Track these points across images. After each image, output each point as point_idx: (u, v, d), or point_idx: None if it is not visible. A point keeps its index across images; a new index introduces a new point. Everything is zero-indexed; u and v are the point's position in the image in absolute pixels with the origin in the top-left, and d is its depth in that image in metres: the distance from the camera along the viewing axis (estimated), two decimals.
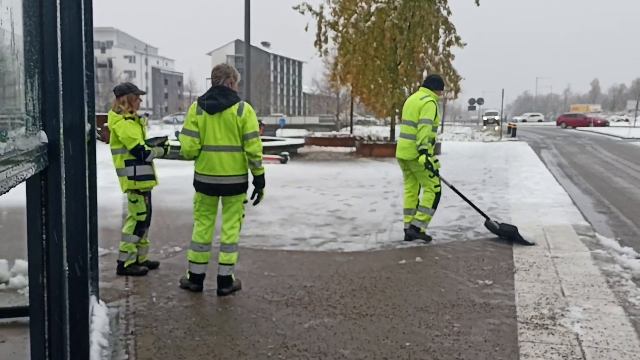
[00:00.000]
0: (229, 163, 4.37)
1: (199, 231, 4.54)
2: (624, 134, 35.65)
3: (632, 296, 4.44)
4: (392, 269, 5.29)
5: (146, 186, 4.99)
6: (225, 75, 4.44)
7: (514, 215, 7.99)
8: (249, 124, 4.34)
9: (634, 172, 15.17)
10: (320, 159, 19.00)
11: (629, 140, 31.34)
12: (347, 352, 3.42)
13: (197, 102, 4.46)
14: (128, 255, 5.02)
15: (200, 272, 4.57)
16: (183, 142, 4.41)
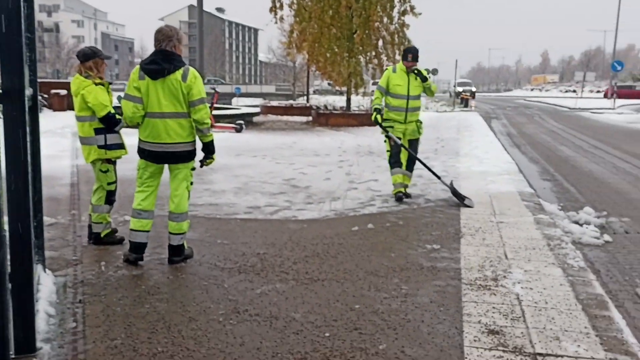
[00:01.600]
0: (176, 130, 4.27)
1: (139, 197, 4.42)
2: (570, 105, 36.76)
3: (570, 258, 4.66)
4: (345, 236, 5.38)
5: (117, 155, 4.88)
6: (168, 38, 4.25)
7: (463, 183, 8.19)
8: (195, 90, 4.22)
9: (578, 141, 15.73)
10: (276, 128, 18.90)
11: (575, 111, 32.38)
12: (298, 316, 3.49)
13: (139, 66, 4.28)
14: (103, 226, 4.95)
15: (140, 241, 4.40)
16: (125, 108, 4.25)
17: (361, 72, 20.54)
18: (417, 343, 3.13)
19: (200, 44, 16.20)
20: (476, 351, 3.03)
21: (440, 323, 3.40)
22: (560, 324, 3.37)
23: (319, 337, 3.18)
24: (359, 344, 3.11)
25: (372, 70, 21.06)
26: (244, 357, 2.96)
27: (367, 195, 7.39)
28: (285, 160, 10.68)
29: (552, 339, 3.16)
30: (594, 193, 8.13)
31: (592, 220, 6.30)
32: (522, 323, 3.39)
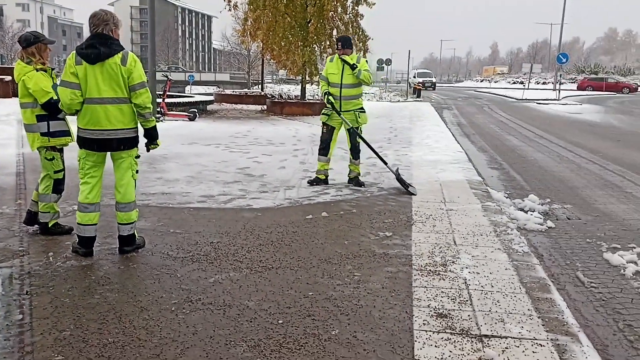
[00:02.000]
0: (116, 116, 4.15)
1: (84, 190, 4.28)
2: (518, 96, 37.81)
3: (515, 244, 4.84)
4: (299, 224, 5.41)
5: (61, 143, 4.74)
6: (104, 22, 4.12)
7: (415, 172, 8.35)
8: (135, 74, 4.12)
9: (525, 131, 16.23)
10: (231, 117, 18.73)
11: (522, 101, 33.34)
12: (251, 304, 3.50)
13: (74, 52, 4.13)
14: (51, 215, 4.81)
15: (89, 235, 4.30)
16: (62, 95, 4.11)
17: (316, 61, 20.53)
18: (369, 328, 3.20)
19: (152, 31, 15.81)
20: (425, 334, 3.12)
21: (391, 308, 3.48)
22: (505, 306, 3.51)
23: (273, 324, 3.21)
24: (312, 330, 3.15)
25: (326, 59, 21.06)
26: (196, 345, 2.96)
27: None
28: (239, 149, 10.61)
29: (497, 321, 3.29)
30: (539, 181, 8.44)
31: (536, 207, 6.54)
32: (469, 306, 3.51)
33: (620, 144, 13.12)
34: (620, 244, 5.24)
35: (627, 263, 4.66)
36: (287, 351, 2.91)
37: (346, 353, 2.90)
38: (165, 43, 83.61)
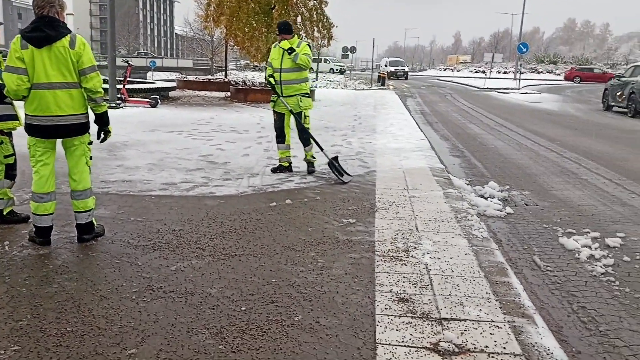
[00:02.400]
0: (66, 101, 4.04)
1: (38, 180, 4.15)
2: (480, 85, 38.40)
3: (475, 229, 4.94)
4: (263, 211, 5.39)
5: (9, 127, 4.59)
6: (50, 3, 3.99)
7: (379, 160, 8.42)
8: (85, 57, 4.01)
9: (486, 119, 16.52)
10: (193, 103, 18.47)
11: (484, 90, 33.89)
12: (214, 291, 3.49)
13: (19, 35, 3.98)
14: (5, 202, 4.66)
15: (45, 225, 4.20)
16: (8, 81, 3.95)
17: None
18: (332, 313, 3.23)
19: (112, 15, 15.41)
20: (387, 318, 3.17)
21: (354, 293, 3.52)
22: (464, 290, 3.59)
23: (235, 312, 3.21)
24: (275, 317, 3.16)
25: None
26: (157, 333, 2.93)
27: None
28: (202, 136, 10.49)
29: (457, 305, 3.36)
30: (499, 168, 8.61)
31: (496, 194, 6.68)
32: (430, 291, 3.57)
33: (577, 132, 13.49)
34: (575, 229, 5.40)
35: (581, 247, 4.81)
36: (249, 337, 2.91)
37: (309, 338, 2.92)
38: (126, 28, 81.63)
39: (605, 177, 8.00)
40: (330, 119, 14.37)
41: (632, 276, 4.24)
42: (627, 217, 5.90)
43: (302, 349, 2.81)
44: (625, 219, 5.83)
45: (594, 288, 4.02)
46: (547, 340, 2.95)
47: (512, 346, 2.87)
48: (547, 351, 2.83)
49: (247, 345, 2.83)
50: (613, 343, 3.21)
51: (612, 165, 8.87)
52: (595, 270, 4.34)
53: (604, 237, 5.08)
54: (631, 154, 10.15)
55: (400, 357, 2.74)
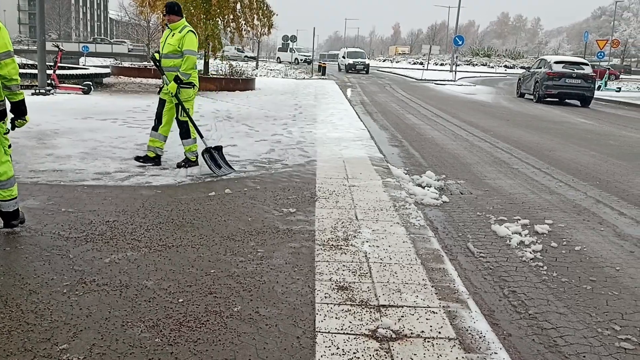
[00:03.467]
0: None
1: None
2: (417, 76, 39.17)
3: (413, 218, 5.04)
4: (201, 201, 5.31)
5: None
6: None
7: (319, 149, 8.44)
8: (0, 42, 3.80)
9: (424, 110, 16.88)
10: (129, 90, 17.88)
11: (422, 82, 34.60)
12: (150, 283, 3.40)
13: None
14: None
15: None
16: None
17: (219, 35, 20.03)
18: (271, 303, 3.22)
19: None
20: (326, 307, 3.19)
21: (294, 283, 3.52)
22: (402, 277, 3.66)
23: (172, 304, 3.14)
24: (213, 308, 3.12)
25: (230, 34, 20.64)
26: (90, 328, 2.83)
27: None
28: (138, 124, 10.18)
29: (394, 292, 3.43)
30: (435, 158, 8.83)
31: (432, 183, 6.85)
32: (369, 278, 3.62)
33: (509, 123, 14.00)
34: (507, 216, 5.61)
35: (512, 234, 5.01)
36: (187, 329, 2.86)
37: (248, 329, 2.90)
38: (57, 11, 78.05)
39: (534, 166, 8.35)
40: (271, 108, 14.28)
41: (559, 261, 4.46)
42: (555, 204, 6.19)
43: (241, 340, 2.79)
44: (552, 206, 6.11)
45: (524, 273, 4.19)
46: (480, 324, 3.06)
47: (446, 330, 2.96)
48: (479, 334, 2.94)
49: (185, 338, 2.77)
50: (541, 325, 3.37)
51: (541, 155, 9.27)
52: (525, 255, 4.53)
53: (533, 224, 5.30)
54: (558, 144, 10.64)
55: (339, 345, 2.77)
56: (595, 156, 9.41)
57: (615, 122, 15.28)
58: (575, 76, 21.18)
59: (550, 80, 21.26)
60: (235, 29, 20.25)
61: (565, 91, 21.24)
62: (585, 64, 22.51)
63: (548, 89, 21.26)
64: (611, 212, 5.93)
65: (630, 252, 4.73)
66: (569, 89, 21.13)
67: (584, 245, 4.85)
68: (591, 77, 21.50)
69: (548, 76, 21.36)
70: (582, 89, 21.14)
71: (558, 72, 21.25)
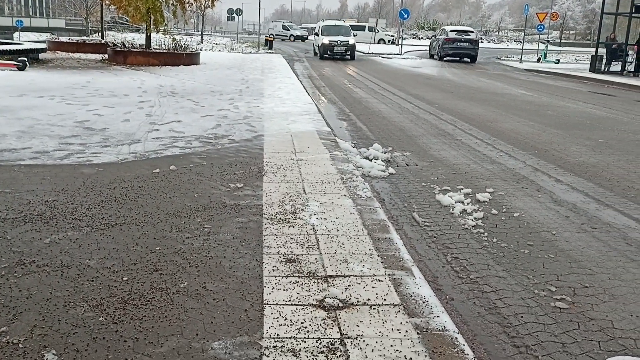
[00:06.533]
0: None
1: None
2: (365, 49, 39.19)
3: (360, 190, 5.10)
4: (145, 179, 5.20)
5: None
6: None
7: (267, 124, 8.38)
8: None
9: (371, 84, 16.97)
10: (67, 66, 17.18)
11: (369, 55, 34.67)
12: (93, 263, 3.33)
13: None
14: None
15: None
16: None
17: (161, 7, 19.43)
18: (219, 278, 3.21)
19: None
20: (274, 279, 3.21)
21: (241, 257, 3.52)
22: (349, 248, 3.72)
23: (116, 282, 3.09)
24: (159, 285, 3.09)
25: (172, 7, 20.05)
26: (31, 309, 2.76)
27: (170, 136, 7.18)
28: (77, 101, 9.82)
29: (341, 262, 3.48)
30: (382, 131, 8.92)
31: (379, 156, 6.93)
32: (317, 250, 3.66)
33: (453, 96, 14.26)
34: (450, 186, 5.76)
35: (455, 203, 5.15)
36: (132, 307, 2.82)
37: (195, 304, 2.89)
38: None
39: (477, 137, 8.56)
40: (217, 82, 14.03)
41: (499, 227, 4.62)
42: (496, 173, 6.38)
43: (188, 315, 2.78)
44: (494, 175, 6.30)
45: (466, 240, 4.33)
46: (424, 290, 3.15)
47: (392, 297, 3.03)
48: (423, 299, 3.03)
49: (130, 316, 2.74)
50: (482, 289, 3.50)
51: (484, 126, 9.51)
52: (467, 223, 4.67)
53: (475, 193, 5.46)
54: (500, 115, 10.94)
55: (287, 316, 2.80)
56: (534, 126, 9.73)
57: (553, 93, 15.80)
58: (464, 40, 29.02)
59: (447, 44, 29.23)
60: (178, 2, 19.69)
61: (457, 52, 29.15)
62: (471, 31, 30.93)
63: (445, 51, 29.20)
64: (548, 180, 6.18)
65: (566, 217, 4.95)
66: (460, 50, 29.06)
67: (523, 211, 5.04)
68: (476, 41, 29.49)
69: (445, 41, 29.34)
70: (469, 50, 29.03)
71: (452, 38, 29.23)
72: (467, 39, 29.24)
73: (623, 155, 7.56)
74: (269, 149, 6.67)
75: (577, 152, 7.63)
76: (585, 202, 5.38)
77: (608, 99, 15.06)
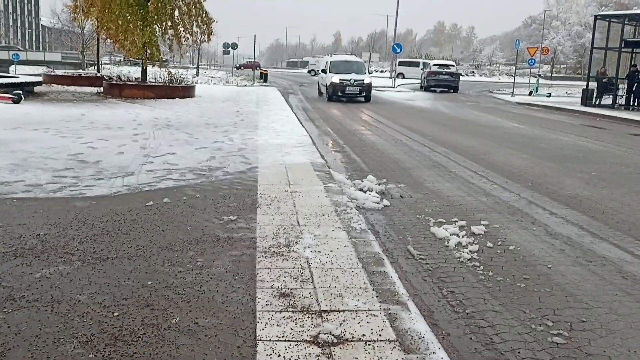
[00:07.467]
0: None
1: None
2: None
3: (354, 222, 5.08)
4: (138, 211, 5.16)
5: None
6: None
7: (261, 156, 8.40)
8: None
9: (365, 116, 17.10)
10: (62, 99, 17.27)
11: None
12: (83, 298, 3.27)
13: None
14: None
15: None
16: None
17: (157, 42, 19.66)
18: (211, 313, 3.16)
19: None
20: (267, 314, 3.16)
21: (234, 291, 3.47)
22: (344, 281, 3.68)
23: (107, 318, 3.03)
24: (150, 320, 3.03)
25: (169, 40, 20.30)
26: (20, 346, 2.69)
27: (164, 169, 7.17)
28: (72, 134, 9.83)
29: (336, 296, 3.44)
30: (376, 163, 8.95)
31: (373, 187, 6.93)
32: (311, 284, 3.62)
33: (446, 128, 14.37)
34: (445, 218, 5.74)
35: (450, 235, 5.13)
36: (122, 344, 2.76)
37: (187, 340, 2.83)
38: None
39: (471, 169, 8.60)
40: (212, 115, 14.10)
41: (494, 260, 4.60)
42: (490, 206, 6.39)
43: (179, 352, 2.72)
44: (488, 207, 6.30)
45: (462, 273, 4.30)
46: (419, 325, 3.11)
47: (387, 333, 2.99)
48: (419, 335, 2.98)
49: (120, 353, 2.68)
50: (478, 324, 3.46)
51: (477, 159, 9.56)
52: (463, 256, 4.64)
53: (470, 225, 5.45)
54: (493, 148, 11.01)
55: (281, 352, 2.74)
56: (527, 159, 9.79)
57: (545, 126, 15.96)
58: (445, 73, 33.24)
59: (430, 76, 33.33)
60: (174, 36, 19.94)
61: (439, 83, 33.02)
62: (452, 65, 36.19)
63: (429, 82, 33.09)
64: (543, 212, 6.18)
65: (561, 250, 4.94)
66: (442, 81, 33.03)
67: (518, 244, 5.02)
68: (456, 74, 33.91)
69: (429, 74, 33.64)
70: (450, 81, 32.94)
71: (434, 71, 33.69)
72: (448, 72, 33.41)
73: (616, 188, 7.59)
74: (263, 181, 6.66)
75: (571, 185, 7.66)
76: (580, 235, 5.37)
77: (600, 132, 15.21)
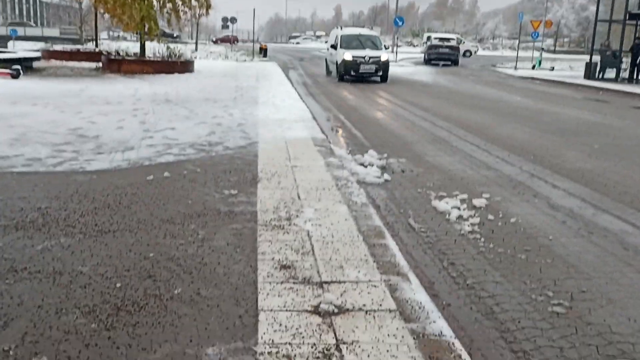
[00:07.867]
0: None
1: None
2: None
3: (355, 196, 5.08)
4: (139, 185, 5.16)
5: None
6: None
7: (261, 131, 8.36)
8: None
9: (366, 90, 16.99)
10: (61, 75, 17.16)
11: None
12: (85, 269, 3.29)
13: None
14: None
15: None
16: None
17: (155, 16, 19.45)
18: (213, 284, 3.18)
19: None
20: (269, 286, 3.18)
21: (236, 263, 3.48)
22: (344, 254, 3.69)
23: (109, 289, 3.05)
24: (152, 291, 3.05)
25: (167, 15, 20.06)
26: (22, 316, 2.71)
27: (164, 143, 7.15)
28: (71, 109, 9.78)
29: (337, 268, 3.45)
30: (377, 138, 8.91)
31: (374, 162, 6.91)
32: (311, 256, 3.63)
33: (448, 102, 14.28)
34: (446, 192, 5.73)
35: (451, 209, 5.12)
36: (125, 314, 2.78)
37: (189, 310, 2.85)
38: None
39: (473, 143, 8.56)
40: (211, 90, 14.01)
41: (495, 233, 4.60)
42: (492, 179, 6.37)
43: (182, 322, 2.74)
44: (490, 181, 6.29)
45: (462, 245, 4.30)
46: (420, 295, 3.12)
47: (387, 303, 3.00)
48: (419, 305, 3.00)
49: (123, 322, 2.70)
50: (479, 294, 3.47)
51: (479, 133, 9.52)
52: (463, 229, 4.65)
53: (471, 199, 5.44)
54: (495, 122, 10.95)
55: (282, 322, 2.76)
56: (530, 132, 9.75)
57: (548, 100, 15.86)
58: (445, 47, 33.52)
59: (431, 50, 34.05)
60: (172, 10, 19.71)
61: (440, 56, 33.29)
62: (452, 38, 36.27)
63: (430, 55, 33.70)
64: (545, 185, 6.17)
65: (563, 222, 4.94)
66: (442, 54, 33.32)
67: (519, 217, 5.02)
68: (456, 47, 34.43)
69: (429, 47, 34.52)
70: (450, 55, 33.36)
71: (435, 44, 34.19)
72: (448, 45, 33.86)
73: (619, 160, 7.57)
74: (263, 155, 6.64)
75: (573, 158, 7.63)
76: (582, 208, 5.37)
77: (603, 105, 15.12)
